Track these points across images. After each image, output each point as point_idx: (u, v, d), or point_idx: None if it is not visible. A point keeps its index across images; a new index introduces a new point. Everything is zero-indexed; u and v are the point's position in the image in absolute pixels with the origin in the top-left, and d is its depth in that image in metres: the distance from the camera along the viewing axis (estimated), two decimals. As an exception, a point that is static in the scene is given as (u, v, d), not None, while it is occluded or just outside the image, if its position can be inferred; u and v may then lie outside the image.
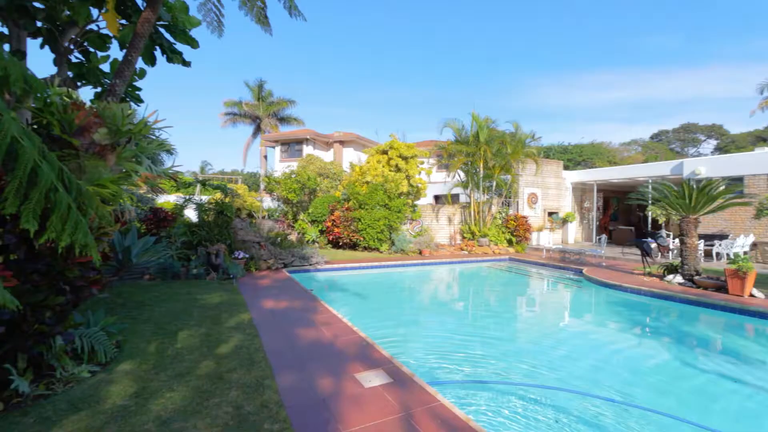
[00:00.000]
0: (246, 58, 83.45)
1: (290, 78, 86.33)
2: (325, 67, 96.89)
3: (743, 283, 7.81)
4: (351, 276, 10.83)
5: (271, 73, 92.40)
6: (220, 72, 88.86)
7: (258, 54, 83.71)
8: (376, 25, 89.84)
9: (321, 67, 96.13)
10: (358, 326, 5.53)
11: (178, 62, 7.16)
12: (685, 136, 55.89)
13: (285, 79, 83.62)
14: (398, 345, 5.48)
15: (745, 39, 67.72)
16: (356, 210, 14.19)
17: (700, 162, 14.22)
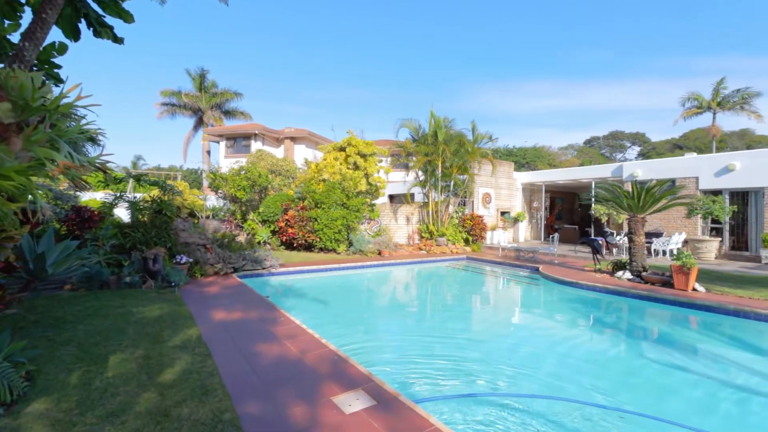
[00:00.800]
0: (187, 47, 77.90)
1: (236, 71, 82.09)
2: (274, 62, 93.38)
3: (687, 278, 8.31)
4: (309, 279, 10.16)
5: (215, 64, 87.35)
6: (157, 58, 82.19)
7: (201, 44, 78.41)
8: (328, 23, 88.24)
9: (270, 62, 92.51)
10: (326, 337, 4.99)
11: (107, 38, 6.07)
12: (614, 142, 61.05)
13: (230, 71, 79.27)
14: (371, 355, 5.01)
15: (665, 56, 75.59)
16: (312, 209, 13.47)
17: (637, 165, 15.30)
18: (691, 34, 72.90)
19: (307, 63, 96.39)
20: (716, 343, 6.18)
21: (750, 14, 66.79)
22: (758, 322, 6.57)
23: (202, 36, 79.47)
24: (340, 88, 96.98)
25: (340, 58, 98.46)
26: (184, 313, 5.73)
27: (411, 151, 15.44)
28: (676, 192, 9.52)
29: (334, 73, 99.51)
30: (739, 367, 5.11)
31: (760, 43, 65.27)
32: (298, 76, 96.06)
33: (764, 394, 4.23)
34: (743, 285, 8.62)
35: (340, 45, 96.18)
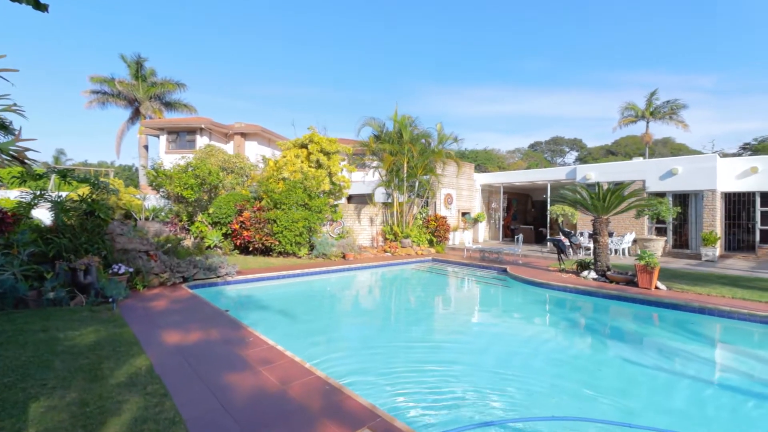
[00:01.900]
0: (121, 33, 70.98)
1: (180, 62, 76.46)
2: (221, 54, 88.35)
3: (651, 277, 8.58)
4: (271, 288, 9.26)
5: (156, 54, 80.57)
6: (85, 40, 74.07)
7: (138, 30, 71.72)
8: (283, 18, 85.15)
9: (217, 54, 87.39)
10: (307, 359, 4.32)
11: (28, 2, 4.90)
12: (555, 147, 64.98)
13: (173, 63, 73.66)
14: (360, 378, 4.39)
15: (597, 69, 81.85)
16: (271, 210, 12.47)
17: (590, 168, 16.02)
18: (620, 50, 79.71)
19: (257, 57, 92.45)
20: (693, 341, 6.31)
21: (672, 34, 74.38)
22: (722, 318, 6.84)
23: (139, 20, 72.96)
24: (293, 84, 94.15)
25: (293, 54, 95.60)
26: (128, 336, 4.73)
27: (375, 150, 14.92)
28: (638, 194, 9.87)
29: (286, 69, 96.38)
30: (711, 362, 5.18)
31: (681, 61, 72.90)
32: (247, 69, 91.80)
33: (737, 388, 4.22)
34: (697, 282, 9.09)
35: (292, 40, 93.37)
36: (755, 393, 4.26)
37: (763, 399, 4.11)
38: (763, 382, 4.57)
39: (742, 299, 7.43)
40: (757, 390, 4.33)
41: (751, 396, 4.18)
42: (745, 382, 4.60)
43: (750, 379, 4.67)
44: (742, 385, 4.52)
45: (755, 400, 4.09)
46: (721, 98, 69.82)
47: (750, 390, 4.33)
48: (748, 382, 4.59)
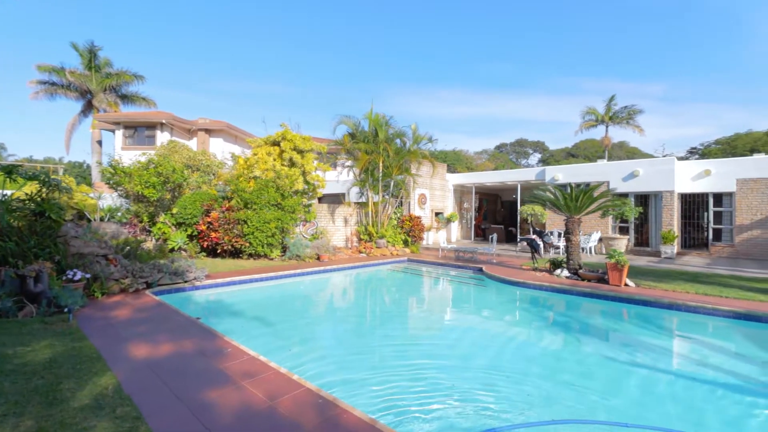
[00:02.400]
0: (77, 24, 66.05)
1: (139, 55, 72.26)
2: (184, 48, 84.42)
3: (620, 274, 8.89)
4: (243, 292, 8.81)
5: (113, 46, 75.72)
6: (31, 28, 68.48)
7: (96, 24, 66.84)
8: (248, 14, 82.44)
9: (179, 49, 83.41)
10: (292, 368, 4.06)
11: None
12: (519, 149, 67.12)
13: (131, 54, 69.48)
14: (349, 387, 4.16)
15: (561, 75, 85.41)
16: (241, 210, 11.91)
17: (558, 170, 16.55)
18: (578, 58, 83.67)
19: (222, 52, 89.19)
20: (667, 336, 6.55)
21: (626, 44, 78.91)
22: (689, 313, 7.17)
23: (92, 9, 68.20)
24: (260, 81, 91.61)
25: (261, 51, 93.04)
26: (89, 351, 4.25)
27: (350, 148, 14.64)
28: (607, 195, 10.23)
29: (253, 66, 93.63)
30: (684, 356, 5.39)
31: (634, 70, 77.47)
32: (211, 64, 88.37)
33: (709, 380, 4.39)
34: (662, 279, 9.53)
35: (259, 36, 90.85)
36: (723, 383, 4.42)
37: (730, 388, 4.28)
38: (732, 373, 4.77)
39: (704, 295, 7.83)
40: (723, 380, 4.51)
41: (717, 385, 4.34)
42: (717, 374, 4.78)
43: (717, 370, 4.87)
44: (715, 376, 4.69)
45: (722, 390, 4.24)
46: (670, 105, 74.92)
47: (718, 380, 4.50)
48: (718, 374, 4.77)
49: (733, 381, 4.56)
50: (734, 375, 4.75)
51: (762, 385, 4.53)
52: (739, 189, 13.61)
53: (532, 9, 78.63)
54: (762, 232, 13.26)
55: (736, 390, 4.34)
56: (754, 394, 4.30)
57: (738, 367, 5.04)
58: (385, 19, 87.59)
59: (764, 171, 13.17)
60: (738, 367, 5.04)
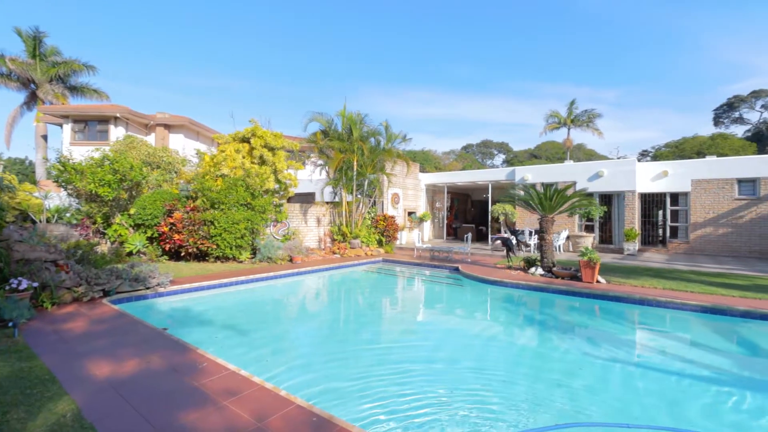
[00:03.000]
0: (21, 9, 60.37)
1: (91, 46, 67.28)
2: (140, 40, 79.61)
3: (593, 271, 9.13)
4: (211, 298, 8.24)
5: (62, 35, 69.96)
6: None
7: (43, 10, 61.22)
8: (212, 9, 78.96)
9: (135, 40, 78.54)
10: (271, 380, 3.74)
11: None
12: (485, 149, 68.80)
13: (82, 45, 64.53)
14: (338, 398, 3.88)
15: (523, 78, 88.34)
16: (207, 210, 11.22)
17: (527, 170, 16.95)
18: (538, 63, 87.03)
19: (182, 45, 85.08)
20: (641, 330, 6.75)
21: (582, 50, 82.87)
22: (659, 308, 7.44)
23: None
24: (224, 76, 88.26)
25: (224, 45, 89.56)
26: (40, 371, 3.71)
27: (322, 147, 14.21)
28: (582, 194, 10.50)
29: (215, 60, 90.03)
30: (658, 349, 5.54)
31: (590, 76, 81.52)
32: (170, 58, 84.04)
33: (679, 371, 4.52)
34: (629, 275, 9.89)
35: (222, 28, 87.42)
36: (699, 375, 4.55)
37: (705, 379, 4.40)
38: (708, 366, 4.93)
39: (671, 290, 8.17)
40: (699, 372, 4.64)
41: (692, 377, 4.45)
42: (692, 366, 4.92)
43: (692, 363, 5.02)
44: (689, 368, 4.82)
45: (696, 380, 4.35)
46: (622, 110, 79.53)
47: (692, 372, 4.63)
48: (693, 366, 4.92)
49: (708, 373, 4.70)
50: (710, 367, 4.90)
51: (734, 375, 4.70)
52: (694, 189, 14.50)
53: (491, 14, 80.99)
54: (714, 230, 14.19)
55: (713, 381, 4.46)
56: (729, 384, 4.43)
57: (711, 359, 5.22)
58: (351, 18, 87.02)
59: (716, 173, 14.11)
60: (711, 359, 5.22)
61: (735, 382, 4.54)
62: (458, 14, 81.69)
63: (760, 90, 43.06)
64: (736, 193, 13.85)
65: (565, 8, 75.96)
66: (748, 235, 13.56)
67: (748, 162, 13.84)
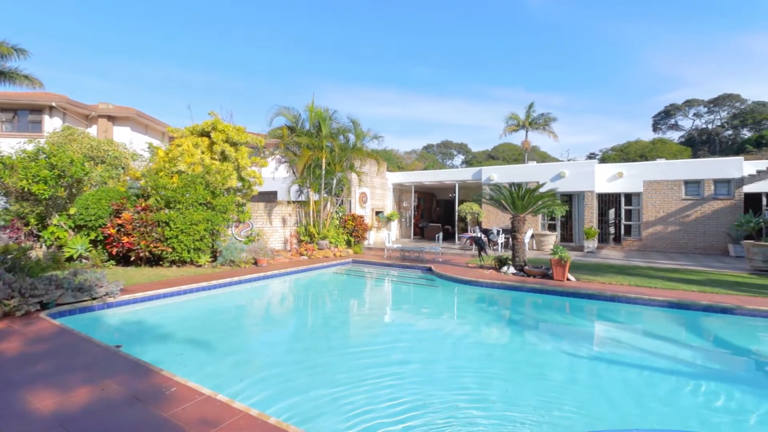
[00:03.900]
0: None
1: (23, 28, 60.38)
2: (80, 24, 72.81)
3: (564, 269, 9.32)
4: (170, 308, 7.46)
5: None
6: None
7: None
8: None
9: (75, 24, 71.66)
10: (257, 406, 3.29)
11: None
12: (445, 150, 70.11)
13: (11, 25, 57.73)
14: (326, 416, 3.48)
15: (479, 82, 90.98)
16: (161, 210, 10.25)
17: (493, 170, 17.23)
18: (493, 67, 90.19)
19: (127, 33, 78.98)
20: (614, 326, 6.89)
21: (531, 56, 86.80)
22: (629, 304, 7.68)
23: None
24: (176, 67, 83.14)
25: (176, 34, 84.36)
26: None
27: (289, 143, 13.53)
28: (552, 194, 10.71)
29: (164, 49, 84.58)
30: (632, 345, 5.66)
31: (541, 82, 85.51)
32: (114, 47, 77.80)
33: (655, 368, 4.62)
34: (595, 272, 10.23)
35: (175, 17, 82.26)
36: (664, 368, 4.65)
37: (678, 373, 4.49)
38: (674, 358, 5.07)
39: (636, 286, 8.50)
40: (666, 366, 4.75)
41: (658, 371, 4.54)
42: (662, 360, 5.03)
43: (656, 355, 5.15)
44: (657, 361, 4.92)
45: (659, 374, 4.44)
46: (571, 115, 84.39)
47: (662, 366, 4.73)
48: (663, 359, 5.03)
49: (683, 367, 4.81)
50: (684, 360, 5.03)
51: (700, 367, 4.84)
52: (646, 190, 15.41)
53: (447, 16, 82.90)
54: (664, 228, 15.17)
55: (688, 373, 4.56)
56: (694, 376, 4.54)
57: (685, 352, 5.37)
58: (311, 14, 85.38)
59: (666, 174, 15.09)
60: (685, 352, 5.37)
61: (707, 374, 4.66)
62: (415, 15, 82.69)
63: (692, 99, 47.33)
64: (683, 193, 14.89)
65: (516, 14, 79.32)
66: (694, 232, 14.63)
67: (694, 165, 14.93)
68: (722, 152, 42.60)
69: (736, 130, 45.57)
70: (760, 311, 6.75)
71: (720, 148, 44.06)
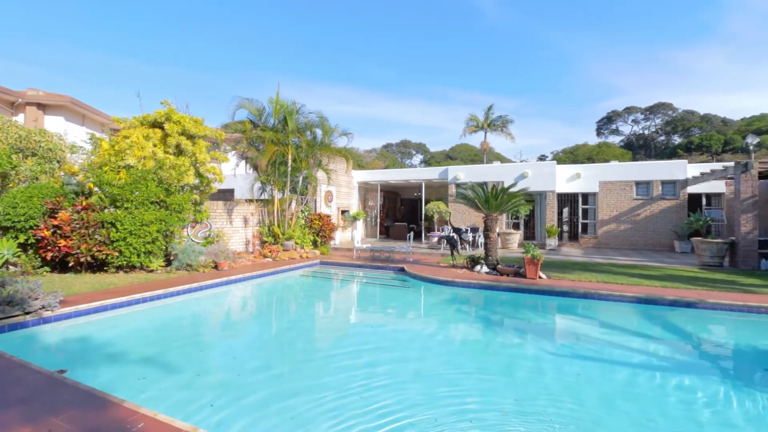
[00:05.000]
0: None
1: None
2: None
3: (536, 268, 9.45)
4: (119, 320, 6.57)
5: None
6: None
7: None
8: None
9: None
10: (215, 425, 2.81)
11: None
12: (404, 149, 70.66)
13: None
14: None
15: (436, 84, 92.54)
16: (106, 209, 9.13)
17: (459, 170, 17.36)
18: (446, 69, 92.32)
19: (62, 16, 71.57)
20: (590, 323, 7.00)
21: (486, 61, 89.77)
22: (601, 301, 7.89)
23: None
24: (116, 54, 76.54)
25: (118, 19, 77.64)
26: None
27: (251, 137, 12.65)
28: (524, 194, 10.84)
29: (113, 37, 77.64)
30: (610, 342, 5.76)
31: (493, 86, 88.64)
32: (43, 28, 70.14)
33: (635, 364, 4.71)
34: (563, 269, 10.49)
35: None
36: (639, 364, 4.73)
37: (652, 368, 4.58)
38: (649, 353, 5.19)
39: (605, 283, 8.77)
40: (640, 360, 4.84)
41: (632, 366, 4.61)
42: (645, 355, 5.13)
43: (630, 350, 5.25)
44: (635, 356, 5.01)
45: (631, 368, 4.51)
46: (522, 119, 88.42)
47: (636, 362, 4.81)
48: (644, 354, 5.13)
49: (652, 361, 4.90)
50: (654, 355, 5.14)
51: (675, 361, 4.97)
52: (601, 190, 16.24)
53: (404, 17, 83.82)
54: (617, 226, 16.05)
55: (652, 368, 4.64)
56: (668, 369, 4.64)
57: (659, 347, 5.52)
58: (267, 10, 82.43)
59: (619, 175, 15.99)
60: (659, 347, 5.52)
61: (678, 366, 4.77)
62: (373, 15, 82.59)
63: (631, 107, 51.26)
64: (634, 193, 15.85)
65: (471, 19, 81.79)
66: (644, 230, 15.62)
67: (644, 167, 15.95)
68: (657, 156, 46.54)
69: (668, 136, 50.02)
70: (720, 304, 7.16)
71: (655, 152, 48.12)
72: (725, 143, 39.94)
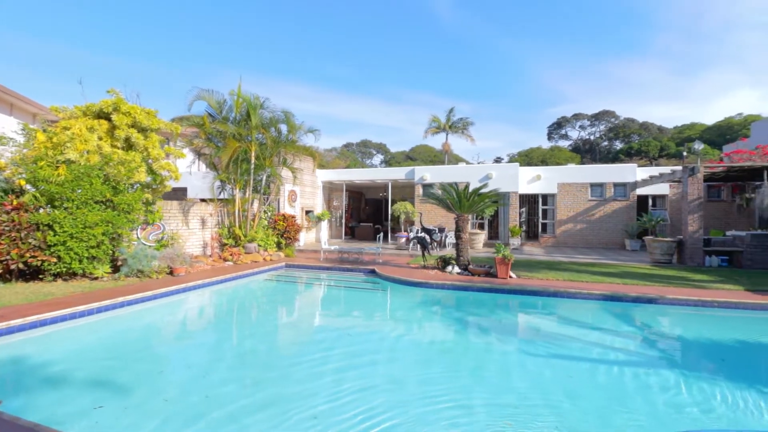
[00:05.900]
0: None
1: None
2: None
3: (507, 267, 9.57)
4: (60, 336, 5.76)
5: None
6: None
7: None
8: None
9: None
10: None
11: None
12: (364, 149, 70.34)
13: None
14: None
15: (394, 85, 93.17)
16: (42, 210, 8.06)
17: (426, 170, 17.38)
18: (406, 71, 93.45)
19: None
20: (563, 321, 7.13)
21: (441, 64, 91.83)
22: (570, 299, 8.11)
23: None
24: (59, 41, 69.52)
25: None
26: None
27: (210, 132, 11.77)
28: (496, 194, 10.95)
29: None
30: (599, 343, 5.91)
31: (449, 90, 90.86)
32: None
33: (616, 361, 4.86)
34: (530, 269, 10.72)
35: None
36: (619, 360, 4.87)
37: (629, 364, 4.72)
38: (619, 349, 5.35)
39: (571, 281, 9.05)
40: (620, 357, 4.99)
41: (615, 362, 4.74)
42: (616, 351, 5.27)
43: (597, 346, 5.41)
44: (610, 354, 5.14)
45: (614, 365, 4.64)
46: (478, 122, 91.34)
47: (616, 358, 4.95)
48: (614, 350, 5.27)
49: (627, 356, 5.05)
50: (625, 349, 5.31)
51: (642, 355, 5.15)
52: (559, 191, 16.93)
53: (362, 17, 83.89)
54: (574, 225, 16.82)
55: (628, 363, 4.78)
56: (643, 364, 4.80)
57: (626, 341, 5.70)
58: (223, 3, 78.89)
59: (576, 177, 16.78)
60: (626, 341, 5.70)
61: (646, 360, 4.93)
62: (330, 12, 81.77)
63: (579, 113, 54.53)
64: (589, 194, 16.70)
65: (427, 21, 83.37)
66: (598, 229, 16.49)
67: (598, 170, 16.85)
68: (601, 160, 49.87)
69: (611, 142, 53.81)
70: (678, 300, 7.59)
71: (599, 157, 51.54)
72: (661, 149, 43.66)
